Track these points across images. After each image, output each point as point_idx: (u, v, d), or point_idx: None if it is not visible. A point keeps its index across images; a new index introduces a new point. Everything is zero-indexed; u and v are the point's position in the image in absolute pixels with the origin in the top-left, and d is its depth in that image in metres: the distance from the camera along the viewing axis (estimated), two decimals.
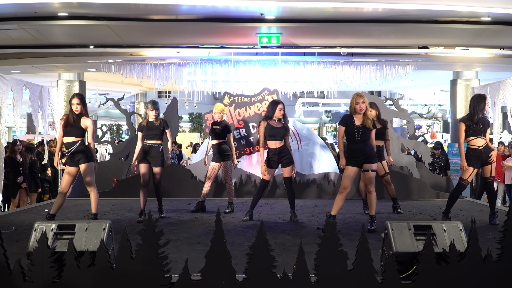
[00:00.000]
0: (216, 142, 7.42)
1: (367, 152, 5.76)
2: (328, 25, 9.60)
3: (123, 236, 3.24)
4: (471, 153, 6.29)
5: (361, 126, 5.75)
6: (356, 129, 5.74)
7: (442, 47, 11.53)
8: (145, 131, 6.74)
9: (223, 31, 10.19)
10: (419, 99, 22.96)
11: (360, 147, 5.75)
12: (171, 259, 3.37)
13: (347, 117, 5.88)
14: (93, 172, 6.13)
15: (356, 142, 5.75)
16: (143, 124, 6.81)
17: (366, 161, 5.76)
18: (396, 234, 3.62)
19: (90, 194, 6.21)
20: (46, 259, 3.22)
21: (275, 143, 6.45)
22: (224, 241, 3.17)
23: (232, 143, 7.48)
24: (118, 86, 18.30)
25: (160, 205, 7.01)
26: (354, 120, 5.79)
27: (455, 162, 12.58)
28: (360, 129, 5.74)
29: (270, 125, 6.44)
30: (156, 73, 12.88)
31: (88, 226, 3.64)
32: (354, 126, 5.77)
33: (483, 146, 6.27)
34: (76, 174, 6.09)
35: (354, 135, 5.74)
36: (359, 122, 5.77)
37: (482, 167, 6.38)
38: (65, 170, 6.07)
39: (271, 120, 6.47)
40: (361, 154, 5.74)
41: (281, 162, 6.48)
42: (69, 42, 11.05)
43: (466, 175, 6.31)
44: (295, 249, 4.50)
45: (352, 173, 5.76)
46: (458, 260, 3.25)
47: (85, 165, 6.04)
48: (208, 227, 6.10)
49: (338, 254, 3.16)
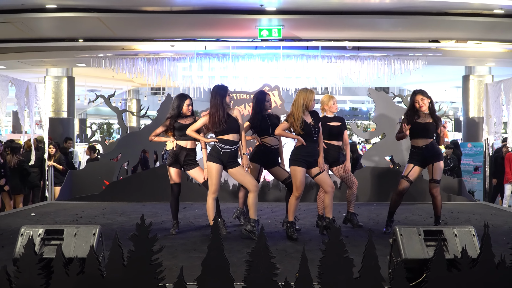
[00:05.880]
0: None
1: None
2: (333, 17, 9.61)
3: (114, 242, 3.24)
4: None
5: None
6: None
7: (454, 41, 11.54)
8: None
9: (220, 24, 10.20)
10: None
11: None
12: (165, 267, 3.38)
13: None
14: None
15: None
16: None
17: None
18: (405, 240, 3.62)
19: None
20: (33, 266, 3.22)
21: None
22: (221, 248, 3.17)
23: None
24: (108, 82, 18.31)
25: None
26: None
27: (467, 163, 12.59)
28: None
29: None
30: (149, 68, 12.88)
31: (77, 231, 3.64)
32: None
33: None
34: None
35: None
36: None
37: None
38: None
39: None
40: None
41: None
42: (57, 35, 11.07)
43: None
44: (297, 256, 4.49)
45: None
46: (470, 267, 3.26)
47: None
48: (205, 233, 6.10)
49: (344, 261, 3.17)
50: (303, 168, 5.66)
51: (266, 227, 6.28)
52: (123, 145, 10.11)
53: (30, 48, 11.92)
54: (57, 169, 10.42)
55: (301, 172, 5.65)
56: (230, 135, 5.71)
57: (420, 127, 6.01)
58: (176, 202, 6.29)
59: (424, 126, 6.00)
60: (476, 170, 12.65)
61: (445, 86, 20.02)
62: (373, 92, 9.82)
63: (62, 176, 10.26)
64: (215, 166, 5.68)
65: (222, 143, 5.69)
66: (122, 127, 11.14)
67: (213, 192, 5.72)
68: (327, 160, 6.18)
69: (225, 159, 5.69)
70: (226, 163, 5.71)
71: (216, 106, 5.68)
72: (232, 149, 5.72)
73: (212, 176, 5.70)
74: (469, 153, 12.82)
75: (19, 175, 9.51)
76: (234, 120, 5.73)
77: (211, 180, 5.73)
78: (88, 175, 10.18)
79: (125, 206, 8.42)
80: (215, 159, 5.68)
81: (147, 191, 9.13)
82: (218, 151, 5.70)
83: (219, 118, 5.64)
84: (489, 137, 10.08)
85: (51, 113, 13.66)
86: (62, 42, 11.47)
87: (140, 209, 8.12)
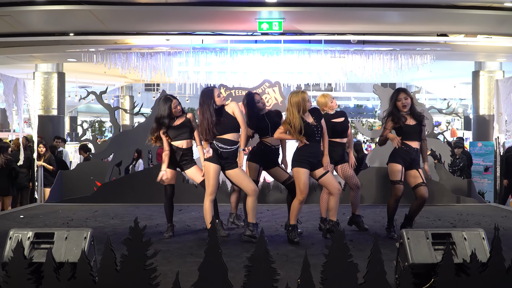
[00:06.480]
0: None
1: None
2: (337, 9, 9.62)
3: (106, 246, 3.25)
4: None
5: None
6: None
7: (463, 35, 11.55)
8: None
9: (218, 16, 10.20)
10: (438, 92, 22.98)
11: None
12: (160, 272, 3.38)
13: None
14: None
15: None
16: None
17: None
18: (412, 244, 3.63)
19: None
20: (23, 271, 3.23)
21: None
22: (219, 252, 3.18)
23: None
24: (100, 78, 18.30)
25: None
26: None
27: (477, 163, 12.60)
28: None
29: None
30: (143, 63, 12.88)
31: (68, 234, 3.65)
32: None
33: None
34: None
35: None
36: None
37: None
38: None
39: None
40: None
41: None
42: (47, 29, 11.07)
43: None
44: (299, 261, 4.50)
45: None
46: (480, 271, 3.26)
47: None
48: (202, 236, 6.11)
49: (348, 267, 3.17)
50: (307, 170, 5.63)
51: (267, 231, 6.28)
52: (116, 144, 10.11)
53: (19, 42, 11.93)
54: (47, 170, 10.42)
55: (304, 174, 5.61)
56: (229, 134, 5.70)
57: (412, 130, 6.00)
58: (170, 204, 6.28)
59: (414, 128, 6.00)
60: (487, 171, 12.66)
61: (454, 82, 20.03)
62: (378, 89, 9.82)
63: (52, 177, 10.26)
64: (213, 166, 5.68)
65: (220, 142, 5.69)
66: (114, 125, 11.13)
67: (210, 194, 5.71)
68: (332, 158, 6.13)
69: (224, 158, 5.69)
70: (224, 163, 5.71)
71: (203, 113, 5.67)
72: (231, 149, 5.71)
73: (210, 177, 5.70)
74: (479, 153, 12.83)
75: (7, 176, 9.51)
76: (231, 119, 5.71)
77: (208, 180, 5.72)
78: (79, 176, 10.18)
79: (117, 208, 8.43)
80: (213, 159, 5.68)
81: (141, 192, 9.13)
82: (217, 151, 5.70)
83: (207, 125, 5.63)
84: (500, 135, 10.08)
85: (40, 111, 13.65)
86: (52, 36, 11.47)
87: (134, 212, 8.13)
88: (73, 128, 21.79)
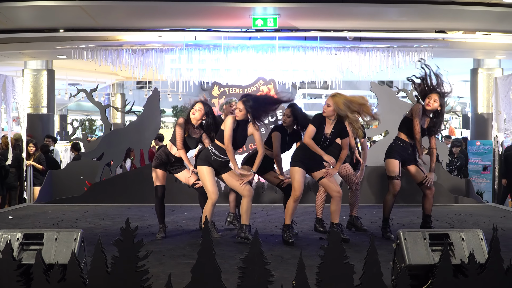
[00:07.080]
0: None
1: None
2: (333, 6, 9.63)
3: (97, 247, 3.24)
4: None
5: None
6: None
7: (461, 32, 11.58)
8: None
9: (212, 12, 10.19)
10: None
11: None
12: (152, 274, 3.38)
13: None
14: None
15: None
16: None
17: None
18: (409, 245, 3.64)
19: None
20: (12, 272, 3.22)
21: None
22: (213, 253, 3.18)
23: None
24: (91, 76, 18.26)
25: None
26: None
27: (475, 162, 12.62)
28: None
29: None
30: (135, 60, 12.87)
31: (58, 235, 3.64)
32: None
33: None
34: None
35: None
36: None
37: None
38: None
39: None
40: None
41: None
42: (36, 25, 11.04)
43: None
44: (294, 262, 4.51)
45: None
46: (478, 272, 3.28)
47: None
48: (195, 237, 6.11)
49: (344, 268, 3.17)
50: (302, 169, 5.65)
51: (261, 231, 6.28)
52: (107, 143, 10.09)
53: (8, 39, 11.87)
54: (37, 169, 10.38)
55: (299, 173, 5.64)
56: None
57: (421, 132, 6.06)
58: (161, 205, 6.27)
59: (423, 131, 6.07)
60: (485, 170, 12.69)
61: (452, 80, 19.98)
62: (375, 86, 9.84)
63: (42, 176, 10.23)
64: (205, 168, 5.68)
65: (216, 149, 5.70)
66: (105, 123, 11.12)
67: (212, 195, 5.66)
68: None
69: (216, 165, 5.71)
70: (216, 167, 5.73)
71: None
72: (224, 159, 5.73)
73: (206, 179, 5.69)
74: (477, 152, 12.86)
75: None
76: (244, 137, 5.74)
77: (205, 184, 5.71)
78: (69, 175, 10.14)
79: (108, 209, 8.41)
80: (204, 162, 5.69)
81: (133, 193, 9.11)
82: (210, 156, 5.70)
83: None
84: (498, 134, 10.13)
85: (29, 109, 13.61)
86: (41, 32, 11.43)
87: (125, 212, 8.11)
88: (63, 126, 21.72)
